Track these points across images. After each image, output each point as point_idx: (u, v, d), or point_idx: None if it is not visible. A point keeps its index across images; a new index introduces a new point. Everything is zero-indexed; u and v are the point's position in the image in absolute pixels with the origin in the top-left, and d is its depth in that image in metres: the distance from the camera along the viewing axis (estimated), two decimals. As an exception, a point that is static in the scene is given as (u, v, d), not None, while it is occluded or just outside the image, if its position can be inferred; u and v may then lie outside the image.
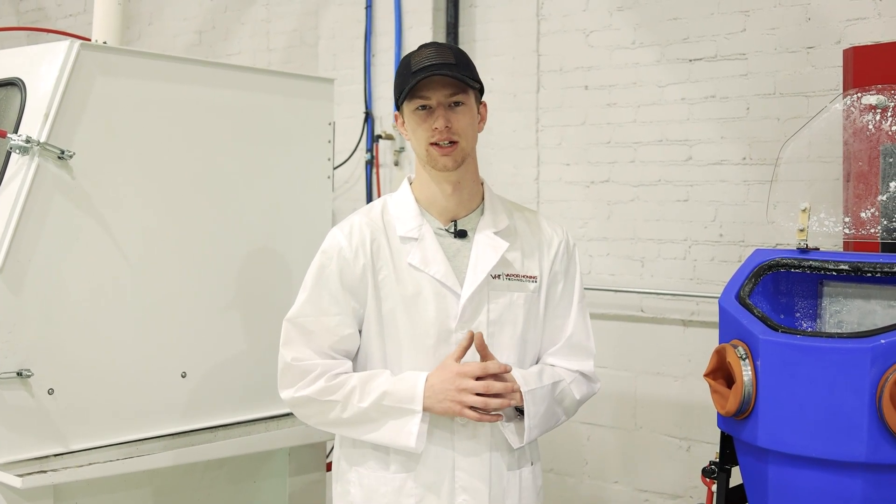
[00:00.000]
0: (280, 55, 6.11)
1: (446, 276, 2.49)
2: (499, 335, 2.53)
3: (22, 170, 2.90)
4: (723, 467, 2.90)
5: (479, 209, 2.60)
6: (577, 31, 4.86)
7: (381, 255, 2.51)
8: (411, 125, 2.50)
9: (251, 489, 3.58)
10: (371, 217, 2.57)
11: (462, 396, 2.38)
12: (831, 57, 4.08)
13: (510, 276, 2.55)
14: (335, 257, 2.51)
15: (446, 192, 2.54)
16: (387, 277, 2.51)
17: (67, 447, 2.96)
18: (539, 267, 2.60)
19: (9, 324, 2.83)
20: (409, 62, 2.48)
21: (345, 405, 2.44)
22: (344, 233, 2.54)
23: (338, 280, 2.50)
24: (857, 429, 2.46)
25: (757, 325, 2.67)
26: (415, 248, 2.51)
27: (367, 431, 2.46)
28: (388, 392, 2.42)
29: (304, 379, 2.47)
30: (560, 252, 2.65)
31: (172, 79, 3.25)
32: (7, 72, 3.15)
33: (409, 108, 2.48)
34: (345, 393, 2.44)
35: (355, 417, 2.44)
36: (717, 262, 4.44)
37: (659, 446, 4.64)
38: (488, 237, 2.55)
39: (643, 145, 4.66)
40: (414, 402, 2.40)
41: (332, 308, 2.50)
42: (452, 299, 2.49)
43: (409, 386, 2.42)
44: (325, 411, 2.47)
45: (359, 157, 5.45)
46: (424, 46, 2.53)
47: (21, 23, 7.72)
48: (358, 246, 2.51)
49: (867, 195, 2.97)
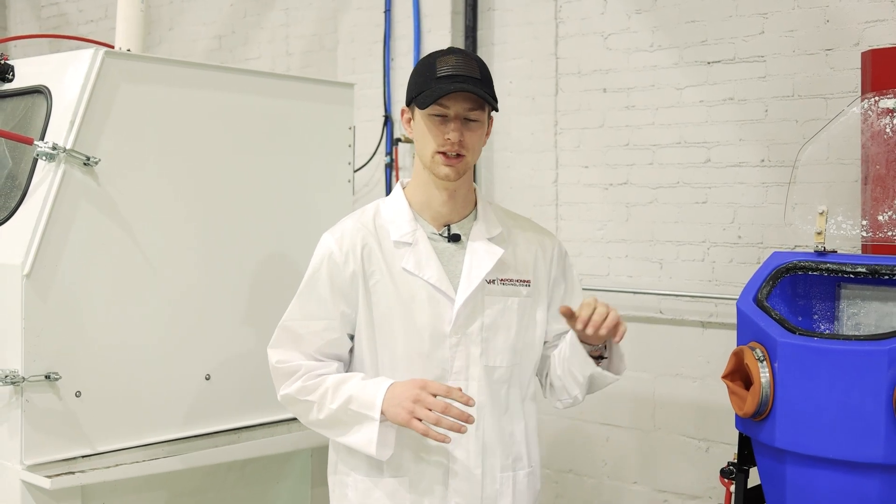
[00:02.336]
0: (299, 59, 6.15)
1: (440, 281, 2.49)
2: (493, 340, 2.54)
3: (49, 176, 2.95)
4: (741, 468, 2.92)
5: (472, 215, 2.61)
6: (595, 34, 4.87)
7: (372, 261, 2.51)
8: (423, 128, 2.48)
9: (274, 490, 3.62)
10: (363, 222, 2.56)
11: (414, 406, 2.32)
12: (850, 59, 4.08)
13: (504, 281, 2.56)
14: (325, 262, 2.52)
15: (442, 198, 2.54)
16: (379, 282, 2.50)
17: (94, 449, 3.01)
18: (533, 272, 2.62)
19: (37, 328, 2.88)
20: (434, 65, 2.46)
21: (320, 406, 2.45)
22: (335, 238, 2.54)
23: (327, 285, 2.51)
24: (875, 430, 2.47)
25: (775, 328, 2.69)
26: (409, 253, 2.51)
27: (338, 434, 2.47)
28: (353, 396, 2.41)
29: (288, 378, 2.49)
30: (555, 257, 2.68)
31: (195, 85, 3.30)
32: (33, 79, 3.21)
33: (424, 112, 2.46)
34: (320, 394, 2.45)
35: (328, 419, 2.45)
36: (736, 263, 4.45)
37: (677, 447, 4.66)
38: (483, 242, 2.56)
39: (661, 147, 4.67)
40: (373, 408, 2.38)
41: (319, 312, 2.52)
42: (446, 304, 2.50)
43: (372, 392, 2.40)
44: (306, 411, 2.49)
45: (378, 160, 5.48)
46: (450, 52, 2.51)
47: (43, 28, 7.80)
48: (348, 251, 2.50)
49: (885, 198, 2.98)
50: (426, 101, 2.43)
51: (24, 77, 3.26)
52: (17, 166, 3.11)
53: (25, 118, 3.17)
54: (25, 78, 3.25)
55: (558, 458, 5.04)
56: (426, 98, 2.43)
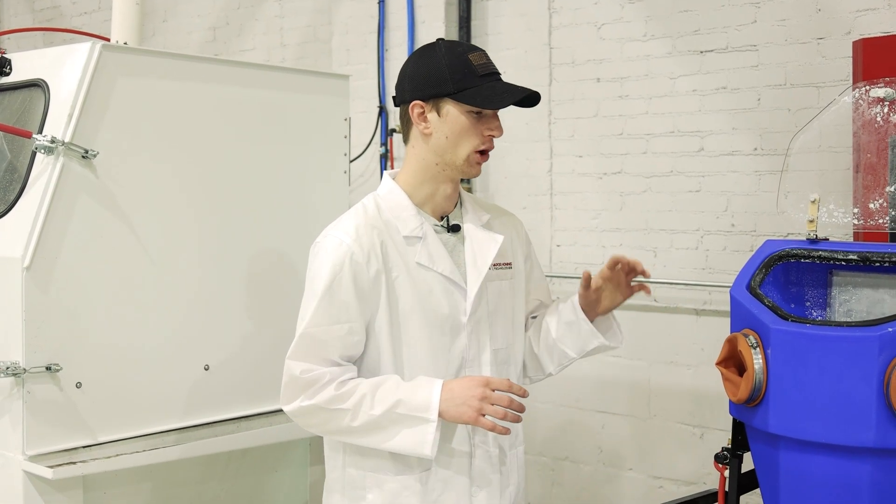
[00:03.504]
0: (294, 51, 6.16)
1: (453, 273, 2.51)
2: (496, 323, 2.59)
3: (47, 169, 2.97)
4: (735, 453, 2.95)
5: (458, 204, 2.63)
6: (588, 24, 4.89)
7: (390, 257, 2.46)
8: (460, 125, 2.44)
9: (273, 479, 3.64)
10: (371, 218, 2.49)
11: (482, 404, 2.34)
12: (841, 48, 4.10)
13: (497, 266, 2.61)
14: (347, 263, 2.41)
15: (446, 192, 2.55)
16: (398, 278, 2.47)
17: (95, 439, 3.04)
18: (513, 255, 2.68)
19: (37, 320, 2.90)
20: (468, 61, 2.43)
21: (355, 413, 2.37)
22: (351, 238, 2.43)
23: (351, 287, 2.41)
24: (866, 415, 2.50)
25: (767, 315, 2.71)
26: (421, 247, 2.49)
27: (378, 440, 2.40)
28: (401, 400, 2.36)
29: (311, 388, 2.40)
30: (524, 237, 2.76)
31: (191, 78, 3.31)
32: (30, 73, 3.23)
33: (461, 108, 2.42)
34: (355, 401, 2.37)
35: (366, 426, 2.38)
36: (729, 251, 4.48)
37: (673, 434, 4.69)
38: (480, 231, 2.59)
39: (655, 137, 4.69)
40: (429, 410, 2.35)
41: (342, 316, 2.42)
42: (459, 294, 2.52)
43: (425, 394, 2.37)
44: (334, 420, 2.40)
45: (373, 151, 5.49)
46: (474, 48, 2.49)
47: (36, 21, 7.79)
48: (369, 250, 2.43)
49: (876, 186, 3.00)
50: (486, 100, 2.41)
51: (22, 70, 3.27)
52: (16, 159, 3.13)
53: (23, 111, 3.18)
54: (23, 71, 3.26)
55: (554, 446, 5.08)
56: (484, 97, 2.41)
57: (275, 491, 3.65)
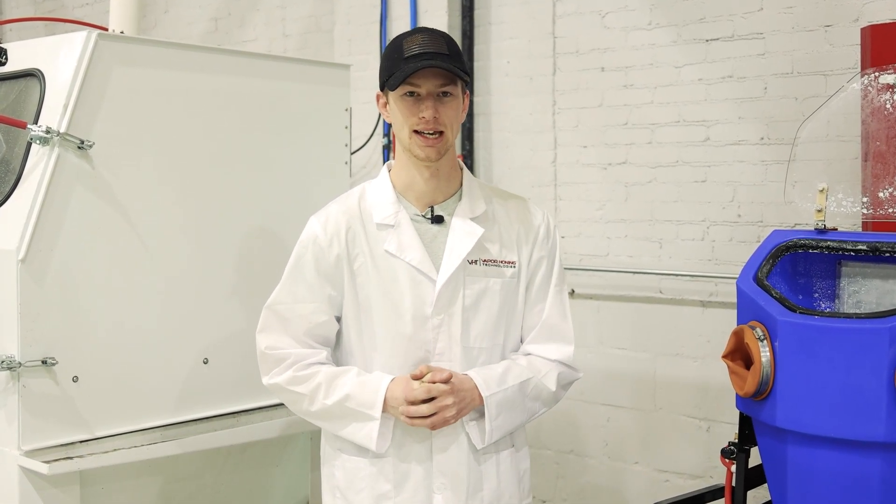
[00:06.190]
0: (295, 41, 6.12)
1: (422, 263, 2.49)
2: (473, 321, 2.53)
3: (43, 160, 2.93)
4: (742, 448, 2.91)
5: (458, 194, 2.60)
6: (592, 12, 4.84)
7: (356, 243, 2.53)
8: (397, 110, 2.49)
9: (273, 474, 3.62)
10: (348, 205, 2.58)
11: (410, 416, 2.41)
12: (849, 35, 4.05)
13: (487, 262, 2.56)
14: (310, 246, 2.55)
15: (424, 177, 2.54)
16: (363, 265, 2.52)
17: (92, 434, 3.01)
18: (518, 253, 2.61)
19: (32, 313, 2.87)
20: (401, 46, 2.46)
21: (311, 399, 2.49)
22: (320, 222, 2.56)
23: (313, 268, 2.54)
24: (876, 408, 2.47)
25: (775, 307, 2.68)
26: (391, 235, 2.51)
27: (332, 427, 2.54)
28: (350, 395, 2.46)
29: (277, 366, 2.52)
30: (541, 237, 2.65)
31: (190, 67, 3.27)
32: (26, 63, 3.19)
33: (396, 94, 2.47)
34: (311, 387, 2.49)
35: (321, 413, 2.50)
36: (736, 242, 4.44)
37: (678, 427, 4.65)
38: (465, 223, 2.54)
39: (660, 126, 4.65)
40: (374, 408, 2.44)
41: (306, 296, 2.54)
42: (428, 285, 2.50)
43: (372, 391, 2.45)
44: (295, 401, 2.54)
45: (375, 142, 5.45)
46: (417, 32, 2.51)
47: (38, 12, 7.78)
48: (333, 235, 2.53)
49: (885, 175, 2.96)
50: (396, 81, 2.43)
51: (17, 60, 3.23)
52: (11, 150, 3.09)
53: (18, 102, 3.15)
54: (18, 61, 3.22)
55: (559, 439, 5.05)
56: (396, 79, 2.43)
57: (275, 486, 3.62)
